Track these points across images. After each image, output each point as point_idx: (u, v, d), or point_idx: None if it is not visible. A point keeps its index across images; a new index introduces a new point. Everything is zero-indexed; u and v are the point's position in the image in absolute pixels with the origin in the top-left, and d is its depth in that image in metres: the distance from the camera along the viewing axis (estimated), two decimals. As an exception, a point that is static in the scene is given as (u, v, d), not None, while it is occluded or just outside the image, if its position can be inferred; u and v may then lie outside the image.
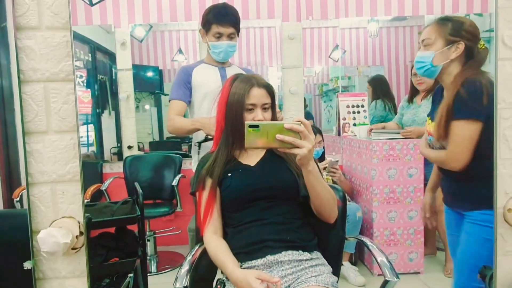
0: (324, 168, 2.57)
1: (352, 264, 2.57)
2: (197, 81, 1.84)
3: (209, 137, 1.68)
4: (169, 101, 1.86)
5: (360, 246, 2.65)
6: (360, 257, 2.73)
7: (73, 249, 0.83)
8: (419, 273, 2.51)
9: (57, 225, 0.81)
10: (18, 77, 0.80)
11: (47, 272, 0.86)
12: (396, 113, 2.88)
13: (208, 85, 1.83)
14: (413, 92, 2.64)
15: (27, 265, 0.83)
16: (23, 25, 0.80)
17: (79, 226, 0.83)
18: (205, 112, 1.82)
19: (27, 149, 0.81)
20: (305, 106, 3.27)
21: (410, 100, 2.67)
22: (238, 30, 1.81)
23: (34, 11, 0.80)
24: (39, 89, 0.81)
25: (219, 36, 1.76)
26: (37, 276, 0.85)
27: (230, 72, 1.85)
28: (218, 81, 1.84)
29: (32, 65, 0.81)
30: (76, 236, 0.82)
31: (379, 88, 3.12)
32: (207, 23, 1.77)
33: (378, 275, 2.44)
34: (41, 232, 0.78)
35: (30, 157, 0.82)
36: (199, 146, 1.73)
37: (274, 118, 1.27)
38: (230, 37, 1.77)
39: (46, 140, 0.83)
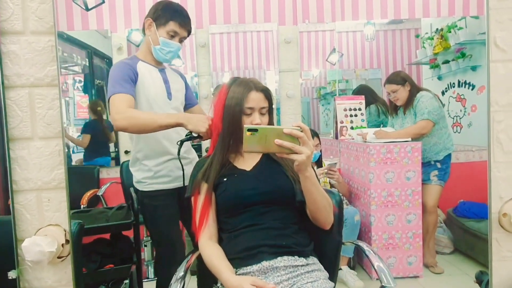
0: (322, 173, 2.56)
1: (351, 268, 2.54)
2: (144, 80, 1.57)
3: (194, 135, 1.41)
4: (109, 97, 1.47)
5: (359, 250, 2.62)
6: (359, 261, 2.71)
7: (59, 257, 0.81)
8: (418, 277, 2.49)
9: (43, 233, 0.80)
10: (2, 83, 0.78)
11: (32, 282, 0.85)
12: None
13: (155, 87, 1.60)
14: (395, 106, 2.72)
15: (12, 274, 0.81)
16: (7, 30, 0.79)
17: (65, 234, 0.81)
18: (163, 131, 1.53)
19: (12, 156, 0.80)
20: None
21: (394, 112, 2.75)
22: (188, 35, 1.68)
23: (19, 15, 0.79)
24: (24, 94, 0.80)
25: (173, 36, 1.59)
26: (22, 286, 0.83)
27: (168, 73, 1.69)
28: (162, 84, 1.63)
29: (17, 70, 0.80)
30: (62, 245, 0.80)
31: (368, 96, 3.13)
32: (162, 17, 1.57)
33: (377, 279, 2.41)
34: (25, 240, 0.77)
35: (14, 163, 0.80)
36: (181, 146, 1.45)
37: (271, 122, 1.26)
38: (181, 40, 1.64)
39: (31, 146, 0.81)
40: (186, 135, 1.43)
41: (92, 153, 3.17)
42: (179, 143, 1.44)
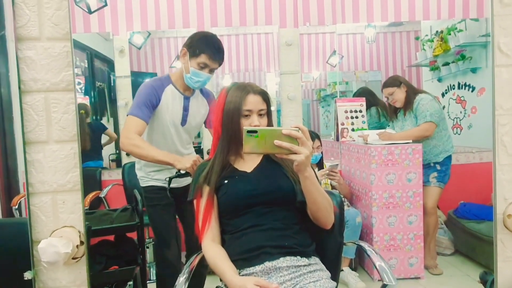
0: (323, 175, 2.57)
1: (352, 269, 2.55)
2: (164, 106, 1.73)
3: (182, 172, 1.59)
4: (127, 115, 1.68)
5: (361, 251, 2.64)
6: (361, 262, 2.73)
7: (73, 258, 0.82)
8: (419, 278, 2.50)
9: (58, 234, 0.81)
10: (19, 88, 0.80)
11: (47, 282, 0.86)
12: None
13: (172, 114, 1.75)
14: (395, 109, 2.74)
15: (28, 275, 0.82)
16: (23, 36, 0.81)
17: (80, 236, 0.82)
18: (163, 144, 1.76)
19: (28, 159, 0.81)
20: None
21: (394, 115, 2.78)
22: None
23: (35, 22, 0.80)
24: (40, 99, 0.82)
25: (203, 67, 1.68)
26: (37, 286, 0.85)
27: (193, 102, 1.80)
28: (180, 112, 1.77)
29: (33, 75, 0.81)
30: (77, 246, 0.81)
31: (369, 98, 3.15)
32: (196, 49, 1.67)
33: (378, 280, 2.43)
34: (41, 242, 0.78)
35: (30, 166, 0.82)
36: (170, 182, 1.63)
37: (270, 124, 1.28)
38: (212, 71, 1.71)
39: (47, 149, 0.83)
40: (176, 173, 1.62)
41: (82, 157, 3.20)
42: (167, 179, 1.64)
